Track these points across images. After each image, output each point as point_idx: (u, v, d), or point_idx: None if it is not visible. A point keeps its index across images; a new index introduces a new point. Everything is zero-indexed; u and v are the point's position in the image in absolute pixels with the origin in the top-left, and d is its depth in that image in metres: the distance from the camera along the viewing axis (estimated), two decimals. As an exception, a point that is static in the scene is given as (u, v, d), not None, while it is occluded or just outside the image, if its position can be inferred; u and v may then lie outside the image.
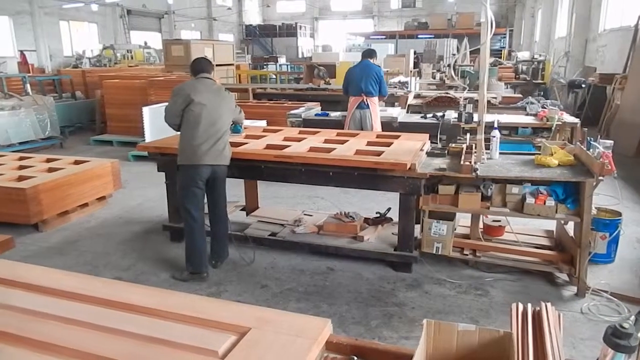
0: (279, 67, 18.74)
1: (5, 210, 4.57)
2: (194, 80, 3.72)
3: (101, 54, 20.06)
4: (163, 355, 1.29)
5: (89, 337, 1.38)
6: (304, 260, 4.01)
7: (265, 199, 5.08)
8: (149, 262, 4.04)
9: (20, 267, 1.83)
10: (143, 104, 7.82)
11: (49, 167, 5.21)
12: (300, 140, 4.28)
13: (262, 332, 1.39)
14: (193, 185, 3.62)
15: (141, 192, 5.98)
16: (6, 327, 1.41)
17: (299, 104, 8.25)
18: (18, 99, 8.35)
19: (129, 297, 1.58)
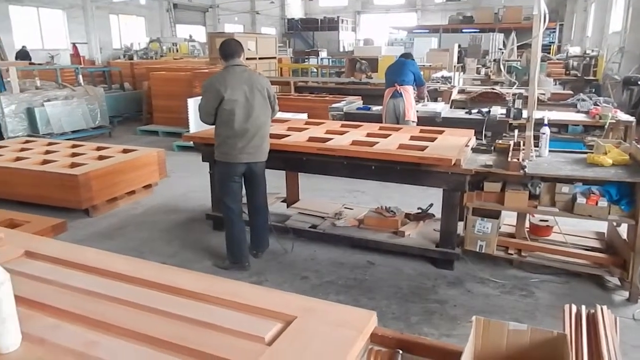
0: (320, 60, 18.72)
1: (59, 195, 4.78)
2: (223, 72, 3.57)
3: (148, 47, 20.61)
4: (211, 338, 1.32)
5: (140, 317, 1.42)
6: (344, 254, 4.01)
7: (305, 192, 5.10)
8: (192, 249, 4.13)
9: (77, 249, 1.91)
10: (188, 95, 7.98)
11: (99, 155, 5.40)
12: (342, 134, 4.27)
13: (307, 321, 1.40)
14: (229, 180, 3.64)
15: (185, 181, 6.13)
16: (64, 305, 1.47)
17: (340, 97, 8.24)
18: (71, 89, 8.70)
19: (177, 281, 1.62)
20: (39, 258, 1.82)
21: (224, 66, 3.60)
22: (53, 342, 1.30)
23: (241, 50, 3.62)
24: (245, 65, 3.64)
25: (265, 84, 3.65)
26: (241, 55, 3.62)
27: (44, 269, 1.72)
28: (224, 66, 3.61)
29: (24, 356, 1.24)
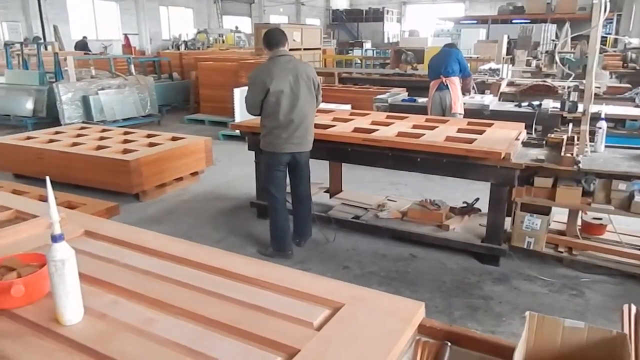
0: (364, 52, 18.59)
1: (111, 180, 4.98)
2: (268, 63, 3.56)
3: (195, 38, 21.05)
4: (262, 321, 1.35)
5: (195, 298, 1.47)
6: (386, 245, 4.00)
7: (348, 183, 5.10)
8: (237, 236, 4.22)
9: (133, 231, 1.99)
10: (234, 85, 8.11)
11: (150, 142, 5.58)
12: (388, 125, 4.24)
13: (355, 308, 1.41)
14: (274, 169, 3.68)
15: (230, 169, 6.25)
16: (123, 283, 1.54)
17: (384, 89, 8.16)
18: (123, 78, 9.00)
19: (229, 265, 1.66)
20: (98, 238, 1.91)
21: (269, 56, 3.61)
22: (113, 317, 1.36)
23: (285, 40, 3.62)
24: (290, 55, 3.64)
25: (311, 73, 3.65)
26: (285, 44, 3.61)
27: (103, 248, 1.80)
28: (268, 56, 3.63)
29: (86, 329, 1.31)
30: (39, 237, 1.89)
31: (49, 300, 1.41)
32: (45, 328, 1.31)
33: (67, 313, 1.30)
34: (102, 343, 1.24)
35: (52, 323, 1.32)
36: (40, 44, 9.76)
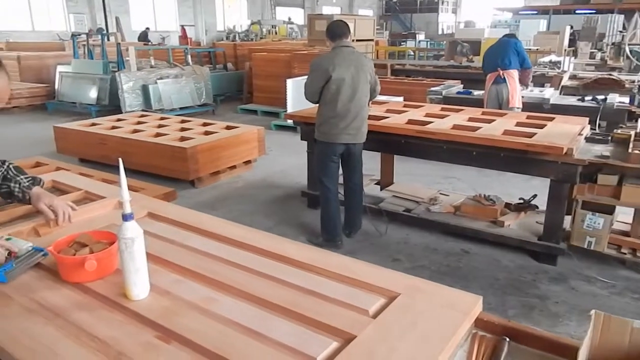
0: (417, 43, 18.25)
1: (169, 166, 5.16)
2: (331, 52, 3.61)
3: (249, 29, 21.35)
4: (318, 306, 1.37)
5: (253, 281, 1.51)
6: (438, 240, 3.94)
7: (399, 175, 5.05)
8: (288, 224, 4.28)
9: (193, 214, 2.06)
10: (287, 76, 8.19)
11: (205, 131, 5.74)
12: (442, 117, 4.17)
13: (412, 299, 1.40)
14: (328, 160, 3.70)
15: (282, 159, 6.33)
16: (185, 263, 1.60)
17: (438, 81, 8.01)
18: (181, 68, 9.28)
19: (286, 250, 1.69)
20: (160, 219, 1.99)
21: (332, 47, 3.65)
22: (176, 294, 1.42)
23: (348, 32, 3.66)
24: (353, 47, 3.68)
25: (370, 67, 3.69)
26: (348, 36, 3.66)
27: (166, 230, 1.88)
28: (331, 47, 3.67)
29: (152, 304, 1.37)
30: (106, 217, 2.00)
31: (117, 276, 1.49)
32: (114, 302, 1.38)
33: (135, 289, 1.37)
34: (167, 318, 1.30)
35: (121, 297, 1.39)
36: (105, 35, 10.19)
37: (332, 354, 1.18)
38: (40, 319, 1.30)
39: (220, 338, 1.22)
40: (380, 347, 1.18)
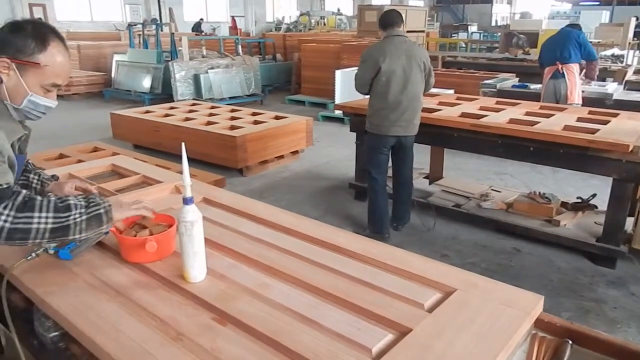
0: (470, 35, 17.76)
1: (219, 154, 5.26)
2: (382, 42, 3.54)
3: (298, 20, 21.39)
4: (371, 297, 1.35)
5: (306, 268, 1.51)
6: (488, 237, 3.84)
7: (448, 170, 4.95)
8: (334, 215, 4.28)
9: (246, 201, 2.09)
10: (336, 67, 8.16)
11: (255, 120, 5.81)
12: (498, 111, 4.04)
13: (469, 294, 1.36)
14: (378, 152, 3.66)
15: (329, 150, 6.33)
16: (239, 249, 1.62)
17: (491, 74, 7.77)
18: (231, 58, 9.42)
19: (337, 239, 1.69)
20: (215, 205, 2.02)
21: (383, 37, 3.59)
22: (231, 279, 1.44)
23: (401, 21, 3.58)
24: (405, 36, 3.59)
25: (424, 56, 3.59)
26: (401, 25, 3.57)
27: (220, 215, 1.91)
28: (382, 37, 3.61)
29: (209, 287, 1.40)
30: (164, 200, 2.05)
31: (175, 258, 1.53)
32: (172, 283, 1.42)
33: (193, 271, 1.40)
34: (224, 301, 1.32)
35: (179, 279, 1.42)
36: (159, 25, 10.47)
37: (387, 346, 1.17)
38: (104, 296, 1.35)
39: (275, 323, 1.23)
40: (437, 342, 1.16)
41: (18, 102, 1.39)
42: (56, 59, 1.39)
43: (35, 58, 1.36)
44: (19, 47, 1.34)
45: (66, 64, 1.43)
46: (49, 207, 1.29)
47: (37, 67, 1.36)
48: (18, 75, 1.36)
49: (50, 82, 1.40)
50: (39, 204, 1.29)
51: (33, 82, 1.38)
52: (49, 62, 1.37)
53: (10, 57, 1.34)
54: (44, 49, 1.36)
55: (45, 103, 1.43)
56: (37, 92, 1.40)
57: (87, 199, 1.38)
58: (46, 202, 1.30)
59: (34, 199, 1.30)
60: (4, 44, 1.34)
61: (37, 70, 1.37)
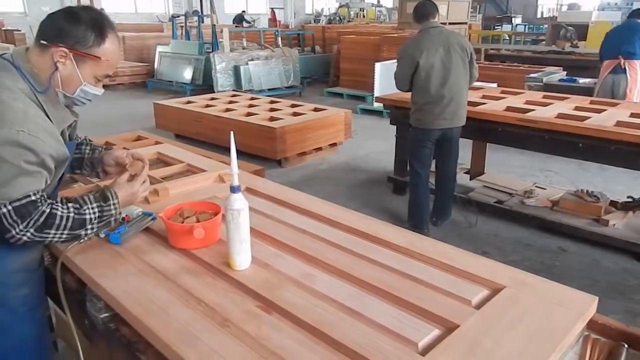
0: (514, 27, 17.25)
1: (258, 144, 5.31)
2: (417, 36, 3.48)
3: (337, 12, 21.29)
4: (417, 291, 1.33)
5: (348, 260, 1.50)
6: (531, 235, 3.73)
7: (490, 165, 4.83)
8: (372, 209, 4.25)
9: (289, 191, 2.09)
10: (375, 59, 8.08)
11: (294, 112, 5.83)
12: (545, 105, 3.91)
13: (518, 292, 1.32)
14: (422, 146, 3.59)
15: (368, 143, 6.29)
16: (283, 238, 1.63)
17: (536, 67, 7.53)
18: (271, 50, 9.46)
19: (381, 232, 1.67)
20: (258, 195, 2.04)
21: (418, 29, 3.52)
22: (276, 268, 1.45)
23: (435, 11, 3.49)
24: (441, 27, 3.50)
25: (464, 43, 3.47)
26: (436, 16, 3.49)
27: (263, 205, 1.92)
28: (418, 29, 3.54)
29: (253, 275, 1.41)
30: (208, 189, 2.08)
31: (220, 246, 1.55)
32: (218, 270, 1.43)
33: (238, 259, 1.42)
34: (268, 290, 1.32)
35: (224, 266, 1.44)
36: (201, 17, 10.62)
37: (433, 341, 1.15)
38: (152, 280, 1.38)
39: (319, 314, 1.23)
40: (485, 339, 1.13)
41: (70, 91, 1.41)
42: (112, 51, 1.41)
43: (94, 51, 1.37)
44: (79, 38, 1.34)
45: (119, 55, 1.47)
46: (66, 226, 1.34)
47: (94, 60, 1.38)
48: (75, 65, 1.37)
49: (103, 73, 1.43)
50: (57, 223, 1.32)
51: (88, 73, 1.40)
52: (106, 55, 1.39)
53: (69, 47, 1.34)
54: (102, 42, 1.37)
55: (95, 92, 1.45)
56: (90, 82, 1.42)
57: (101, 210, 1.43)
58: (65, 219, 1.34)
59: (54, 216, 1.32)
60: (62, 33, 1.34)
61: (94, 62, 1.38)
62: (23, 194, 1.27)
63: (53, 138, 1.35)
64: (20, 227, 1.27)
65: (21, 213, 1.27)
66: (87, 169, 1.75)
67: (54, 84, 1.39)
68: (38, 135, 1.28)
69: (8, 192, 1.25)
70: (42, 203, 1.30)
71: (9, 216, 1.26)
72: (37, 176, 1.31)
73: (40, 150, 1.29)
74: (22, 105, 1.30)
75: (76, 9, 1.39)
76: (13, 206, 1.26)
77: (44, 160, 1.31)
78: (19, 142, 1.24)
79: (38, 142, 1.28)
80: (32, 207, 1.28)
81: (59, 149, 1.37)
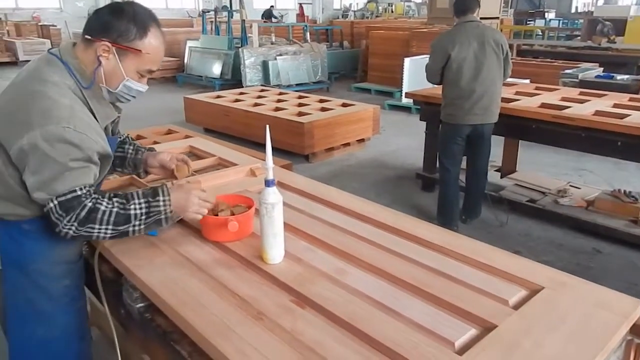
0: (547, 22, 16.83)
1: (286, 139, 5.32)
2: (452, 30, 3.45)
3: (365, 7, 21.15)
4: (453, 290, 1.31)
5: (381, 256, 1.49)
6: (565, 235, 3.64)
7: (522, 163, 4.73)
8: (400, 205, 4.21)
9: (319, 186, 2.09)
10: (404, 55, 8.00)
11: (322, 107, 5.82)
12: (582, 102, 3.80)
13: (557, 293, 1.29)
14: (453, 142, 3.54)
15: (396, 139, 6.24)
16: (315, 233, 1.62)
17: (571, 63, 7.31)
18: (299, 45, 9.46)
19: (414, 229, 1.65)
20: (289, 189, 2.03)
21: (455, 23, 3.46)
22: (308, 262, 1.44)
23: (476, 6, 3.42)
24: (478, 21, 3.43)
25: (500, 38, 3.41)
26: (476, 10, 3.42)
27: (294, 199, 1.92)
28: (455, 23, 3.48)
29: (286, 269, 1.41)
30: (240, 182, 2.09)
31: (253, 239, 1.55)
32: (251, 263, 1.44)
33: (272, 252, 1.42)
34: (301, 284, 1.32)
35: (257, 260, 1.44)
36: (231, 12, 10.68)
37: (470, 340, 1.13)
38: (187, 271, 1.39)
39: (353, 309, 1.22)
40: (524, 341, 1.10)
41: (113, 86, 1.41)
42: (154, 46, 1.40)
43: (136, 45, 1.37)
44: (121, 32, 1.35)
45: (162, 51, 1.45)
46: (109, 220, 1.33)
47: (136, 54, 1.38)
48: (117, 59, 1.38)
49: (146, 68, 1.42)
50: (100, 218, 1.32)
51: (130, 68, 1.40)
52: (148, 49, 1.39)
53: (112, 41, 1.35)
54: (145, 35, 1.37)
55: (138, 88, 1.45)
56: (132, 77, 1.42)
57: (149, 205, 1.38)
58: (107, 214, 1.33)
59: (97, 211, 1.31)
60: (106, 27, 1.35)
61: (136, 56, 1.38)
62: (69, 189, 1.29)
63: (97, 134, 1.37)
64: (64, 221, 1.30)
65: (65, 207, 1.29)
66: (129, 169, 1.77)
67: (98, 79, 1.40)
68: (84, 132, 1.30)
69: (55, 187, 1.28)
70: (86, 198, 1.32)
71: (55, 211, 1.29)
72: (83, 172, 1.32)
73: (86, 147, 1.31)
74: (69, 101, 1.32)
75: (121, 4, 1.39)
76: (59, 201, 1.29)
77: (89, 156, 1.33)
78: (65, 139, 1.27)
79: (84, 138, 1.30)
80: (76, 201, 1.30)
81: (102, 145, 1.39)
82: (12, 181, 1.34)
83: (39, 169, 1.27)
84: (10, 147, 1.29)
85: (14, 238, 1.41)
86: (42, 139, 1.25)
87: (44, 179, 1.27)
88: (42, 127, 1.25)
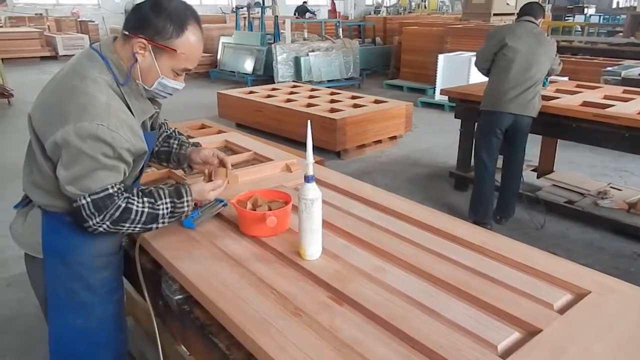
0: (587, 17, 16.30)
1: (318, 136, 5.28)
2: (513, 24, 3.53)
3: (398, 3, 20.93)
4: (496, 292, 1.28)
5: (420, 255, 1.47)
6: (604, 238, 3.53)
7: (559, 163, 4.60)
8: (432, 203, 4.15)
9: (354, 182, 2.07)
10: (438, 51, 7.87)
11: (354, 104, 5.79)
12: (626, 101, 3.66)
13: (605, 298, 1.24)
14: (491, 134, 3.50)
15: (429, 137, 6.16)
16: (352, 230, 1.61)
17: (612, 60, 7.06)
18: (332, 41, 9.44)
19: (453, 228, 1.62)
20: (324, 185, 2.03)
21: (516, 20, 3.61)
22: (346, 260, 1.43)
23: (540, 15, 3.53)
24: (536, 24, 3.52)
25: (553, 48, 3.50)
26: (537, 18, 3.51)
27: (330, 195, 1.91)
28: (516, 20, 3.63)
29: (324, 265, 1.40)
30: (276, 178, 2.10)
31: (289, 235, 1.55)
32: (288, 258, 1.44)
33: (309, 248, 1.41)
34: (339, 281, 1.31)
35: (294, 255, 1.44)
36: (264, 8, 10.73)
37: (514, 344, 1.10)
38: (225, 265, 1.40)
39: (392, 308, 1.20)
40: (571, 346, 1.07)
41: (149, 83, 1.41)
42: (191, 44, 1.37)
43: (172, 43, 1.35)
44: (158, 29, 1.33)
45: (199, 49, 1.42)
46: (140, 220, 1.38)
47: (172, 53, 1.36)
48: (153, 57, 1.36)
49: (182, 67, 1.40)
50: (132, 218, 1.36)
51: (166, 66, 1.38)
52: (184, 48, 1.36)
53: (148, 38, 1.34)
54: (182, 33, 1.34)
55: (174, 85, 1.44)
56: (168, 75, 1.40)
57: (174, 205, 1.44)
58: (140, 214, 1.37)
59: (129, 211, 1.35)
60: (144, 23, 1.34)
61: (172, 55, 1.36)
62: (101, 187, 1.31)
63: (132, 132, 1.37)
64: (97, 219, 1.33)
65: (98, 206, 1.32)
66: (174, 163, 1.79)
67: (134, 76, 1.40)
68: (117, 130, 1.30)
69: (88, 185, 1.30)
70: (118, 197, 1.34)
71: (87, 208, 1.31)
72: (115, 170, 1.34)
73: (118, 145, 1.31)
74: (106, 98, 1.33)
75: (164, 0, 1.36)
76: (92, 199, 1.31)
77: (121, 155, 1.34)
78: (98, 136, 1.27)
79: (116, 136, 1.30)
80: (109, 200, 1.32)
81: (137, 143, 1.39)
82: (52, 174, 1.36)
83: (71, 164, 1.29)
84: (46, 140, 1.32)
85: (56, 229, 1.44)
86: (75, 134, 1.26)
87: (75, 175, 1.29)
88: (76, 122, 1.27)
